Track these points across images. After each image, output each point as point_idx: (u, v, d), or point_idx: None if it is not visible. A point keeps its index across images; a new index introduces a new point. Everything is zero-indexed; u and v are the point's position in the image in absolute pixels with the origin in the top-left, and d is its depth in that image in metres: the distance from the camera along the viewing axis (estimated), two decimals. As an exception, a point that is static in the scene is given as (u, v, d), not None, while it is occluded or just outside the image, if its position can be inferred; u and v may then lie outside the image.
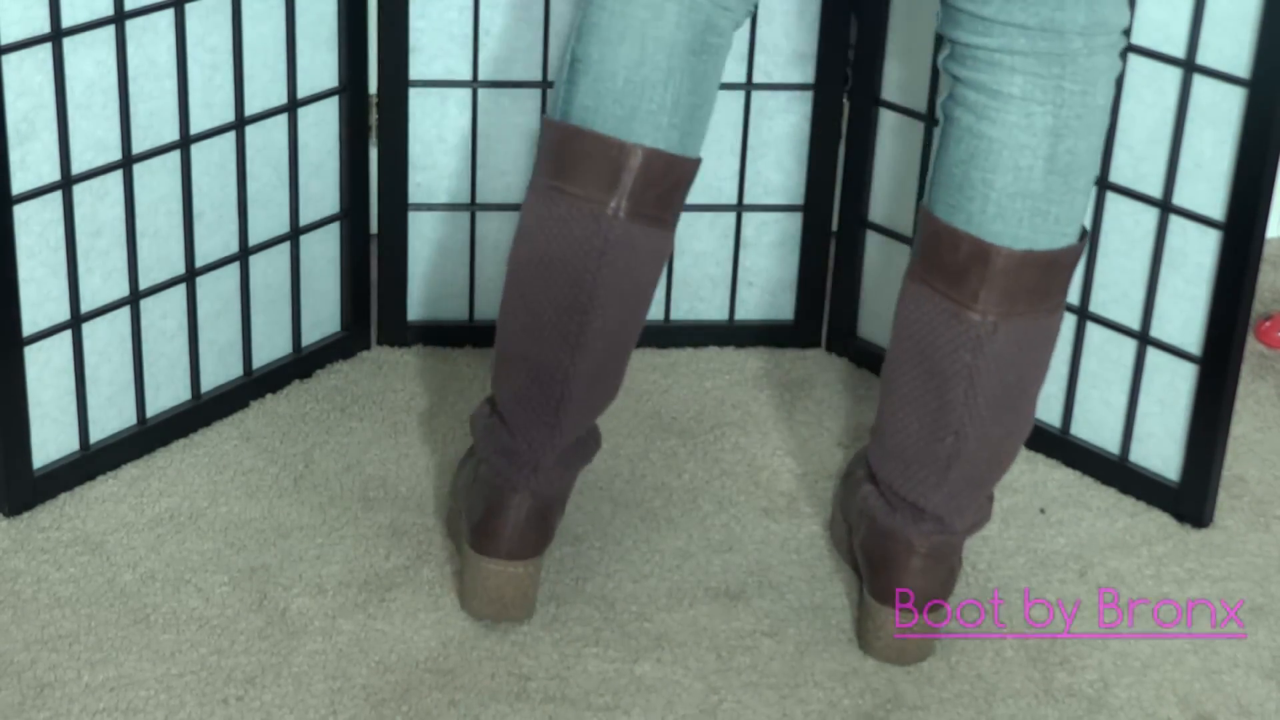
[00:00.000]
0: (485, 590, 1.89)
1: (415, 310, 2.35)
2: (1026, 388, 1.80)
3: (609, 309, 1.78)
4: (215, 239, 2.15)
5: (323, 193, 2.24)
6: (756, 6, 1.79)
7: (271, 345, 2.26)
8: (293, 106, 2.16)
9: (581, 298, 1.77)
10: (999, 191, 1.72)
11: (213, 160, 2.11)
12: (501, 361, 1.85)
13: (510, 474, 1.86)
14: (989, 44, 1.70)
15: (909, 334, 1.79)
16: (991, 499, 1.91)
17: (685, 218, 2.33)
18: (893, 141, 2.25)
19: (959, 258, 1.74)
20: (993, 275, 1.73)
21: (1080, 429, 2.19)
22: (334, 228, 2.27)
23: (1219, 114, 1.98)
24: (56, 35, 1.91)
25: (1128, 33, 1.73)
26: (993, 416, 1.78)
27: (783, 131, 2.30)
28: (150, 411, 2.15)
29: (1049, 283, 1.75)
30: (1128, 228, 2.08)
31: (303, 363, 2.29)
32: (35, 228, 1.97)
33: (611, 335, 1.80)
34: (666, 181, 1.76)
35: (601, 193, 1.75)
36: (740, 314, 2.40)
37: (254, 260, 2.20)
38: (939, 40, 1.76)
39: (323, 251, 2.27)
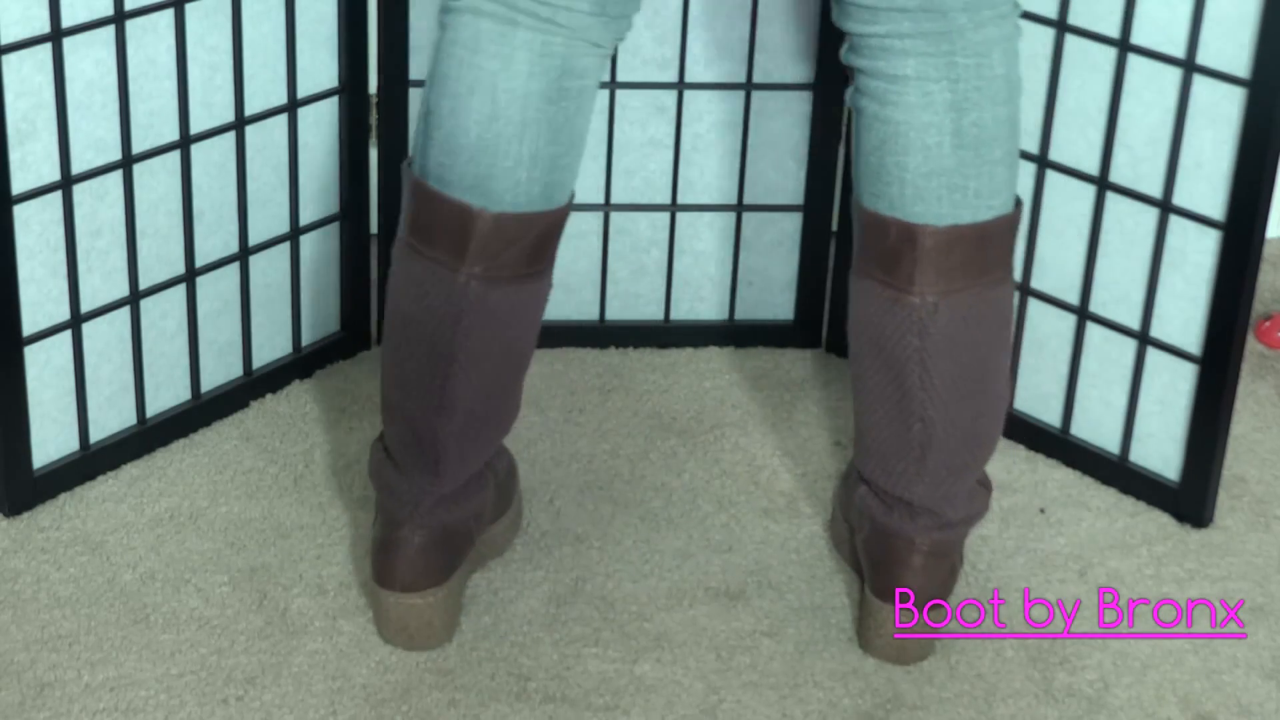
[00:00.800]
0: (389, 621, 1.88)
1: (415, 310, 2.35)
2: (986, 364, 1.79)
3: (471, 372, 1.77)
4: (215, 239, 2.15)
5: (323, 193, 2.24)
6: (626, 34, 1.75)
7: (271, 345, 2.26)
8: (293, 106, 2.16)
9: (440, 364, 1.76)
10: (912, 173, 1.72)
11: (213, 160, 2.11)
12: (383, 405, 1.84)
13: (395, 510, 1.85)
14: (878, 31, 1.70)
15: (861, 329, 1.79)
16: (989, 490, 1.91)
17: (685, 218, 2.34)
18: (893, 141, 2.25)
19: (889, 243, 1.74)
20: (923, 255, 1.73)
21: (1080, 429, 2.19)
22: (334, 228, 2.27)
23: (1219, 114, 1.98)
24: (56, 35, 1.91)
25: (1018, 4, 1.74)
26: (955, 398, 1.78)
27: (783, 131, 2.30)
28: (150, 411, 2.15)
29: (985, 256, 1.75)
30: (1128, 228, 2.08)
31: (303, 363, 2.29)
32: (35, 228, 1.97)
33: (479, 393, 1.79)
34: (526, 239, 1.73)
35: (453, 259, 1.72)
36: (740, 314, 2.40)
37: (254, 260, 2.20)
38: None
39: (323, 251, 2.27)
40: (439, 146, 1.73)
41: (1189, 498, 2.11)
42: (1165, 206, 2.04)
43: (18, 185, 1.94)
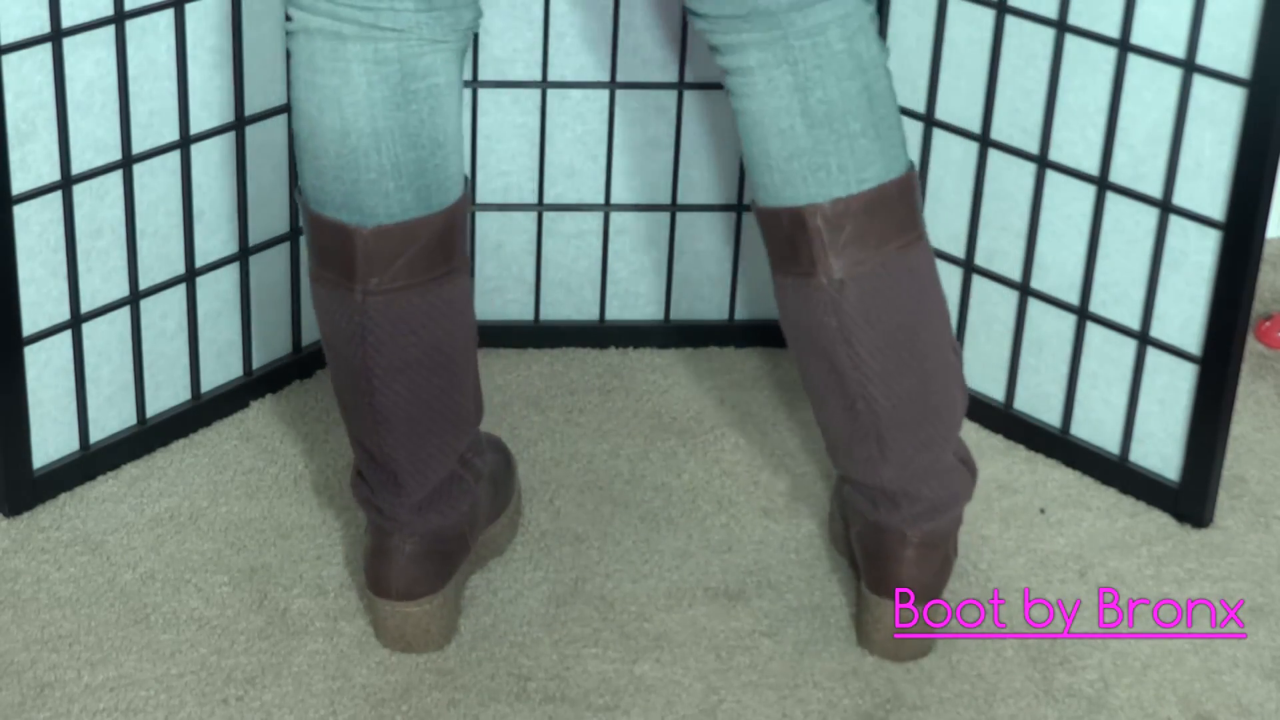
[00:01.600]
0: (386, 629, 1.88)
1: (415, 310, 2.35)
2: (915, 332, 1.78)
3: (393, 385, 1.77)
4: (215, 239, 2.15)
5: (323, 193, 2.24)
6: (477, 28, 1.75)
7: (271, 345, 2.26)
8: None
9: (360, 382, 1.77)
10: (775, 158, 1.73)
11: (213, 160, 2.11)
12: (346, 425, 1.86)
13: (380, 522, 1.86)
14: (720, 35, 1.72)
15: (789, 326, 1.79)
16: (972, 470, 1.90)
17: (685, 217, 2.33)
18: (893, 141, 2.25)
19: (784, 231, 1.75)
20: (814, 235, 1.73)
21: (1080, 429, 2.19)
22: (334, 228, 2.27)
23: (1219, 114, 1.98)
24: (56, 35, 1.91)
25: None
26: (890, 371, 1.77)
27: (783, 131, 2.30)
28: (150, 411, 2.15)
29: (880, 225, 1.74)
30: (1128, 228, 2.08)
31: (303, 363, 2.29)
32: (35, 228, 1.97)
33: (412, 403, 1.79)
34: (415, 247, 1.73)
35: (345, 278, 1.73)
36: (740, 314, 2.40)
37: (254, 260, 2.20)
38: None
39: (323, 251, 2.27)
40: (308, 168, 1.73)
41: (1189, 498, 2.11)
42: (1165, 206, 2.04)
43: (18, 185, 1.94)
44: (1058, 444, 2.20)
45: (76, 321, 2.04)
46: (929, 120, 2.19)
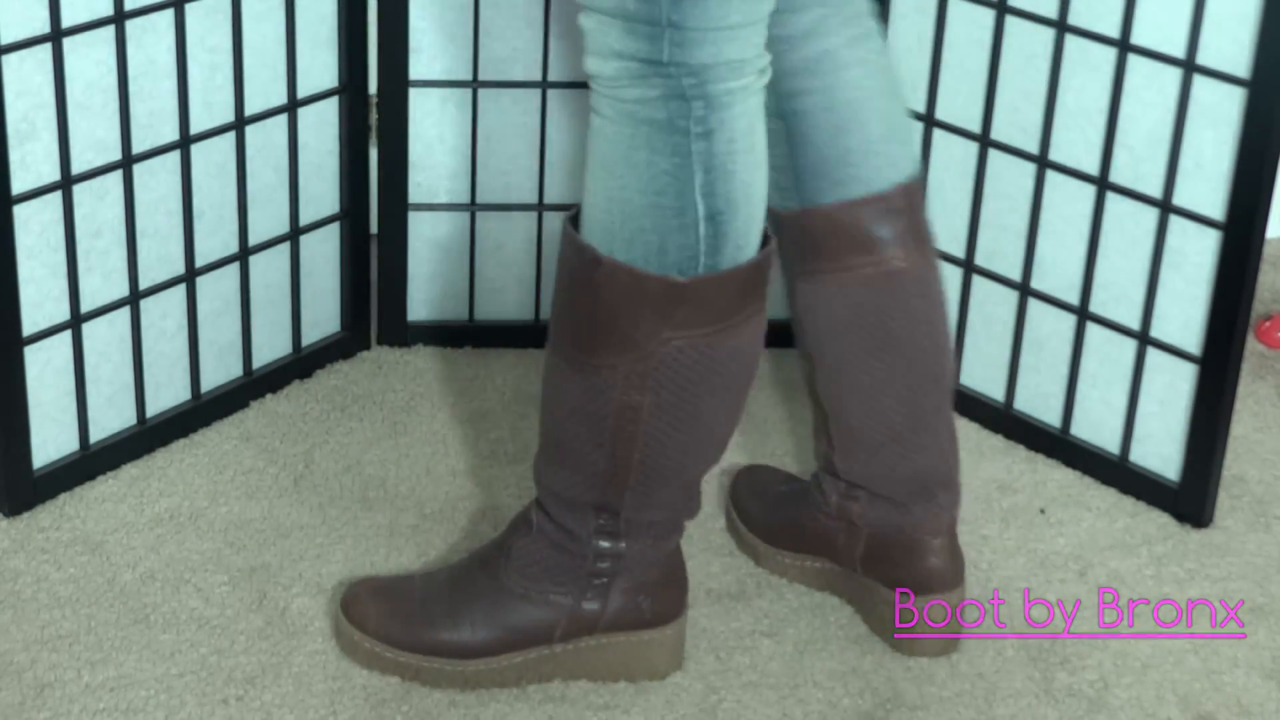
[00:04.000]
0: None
1: (415, 310, 2.35)
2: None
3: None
4: (215, 239, 2.15)
5: (323, 193, 2.24)
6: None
7: (271, 345, 2.26)
8: (293, 106, 2.16)
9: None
10: (875, 141, 1.74)
11: (213, 160, 2.11)
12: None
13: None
14: (797, 18, 1.73)
15: (858, 323, 1.79)
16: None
17: (685, 218, 2.33)
18: (893, 141, 2.25)
19: (875, 220, 1.75)
20: (920, 209, 1.76)
21: (1080, 429, 2.19)
22: (334, 228, 2.27)
23: (1219, 114, 1.98)
24: (56, 35, 1.91)
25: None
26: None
27: (783, 131, 2.30)
28: (150, 411, 2.15)
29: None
30: (1128, 228, 2.08)
31: (303, 363, 2.29)
32: (35, 228, 1.97)
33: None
34: None
35: (759, 300, 1.70)
36: (740, 314, 2.39)
37: (254, 260, 2.20)
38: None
39: (323, 251, 2.27)
40: (739, 232, 1.65)
41: (1189, 498, 2.11)
42: (1165, 206, 2.04)
43: (18, 185, 1.94)
44: (1058, 444, 2.20)
45: (76, 321, 2.04)
46: (929, 120, 2.19)
